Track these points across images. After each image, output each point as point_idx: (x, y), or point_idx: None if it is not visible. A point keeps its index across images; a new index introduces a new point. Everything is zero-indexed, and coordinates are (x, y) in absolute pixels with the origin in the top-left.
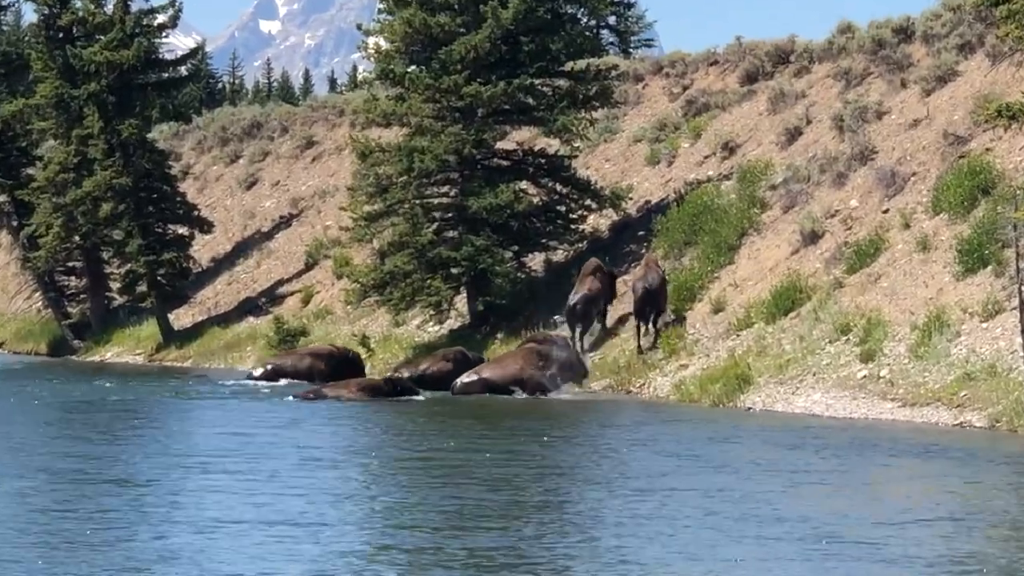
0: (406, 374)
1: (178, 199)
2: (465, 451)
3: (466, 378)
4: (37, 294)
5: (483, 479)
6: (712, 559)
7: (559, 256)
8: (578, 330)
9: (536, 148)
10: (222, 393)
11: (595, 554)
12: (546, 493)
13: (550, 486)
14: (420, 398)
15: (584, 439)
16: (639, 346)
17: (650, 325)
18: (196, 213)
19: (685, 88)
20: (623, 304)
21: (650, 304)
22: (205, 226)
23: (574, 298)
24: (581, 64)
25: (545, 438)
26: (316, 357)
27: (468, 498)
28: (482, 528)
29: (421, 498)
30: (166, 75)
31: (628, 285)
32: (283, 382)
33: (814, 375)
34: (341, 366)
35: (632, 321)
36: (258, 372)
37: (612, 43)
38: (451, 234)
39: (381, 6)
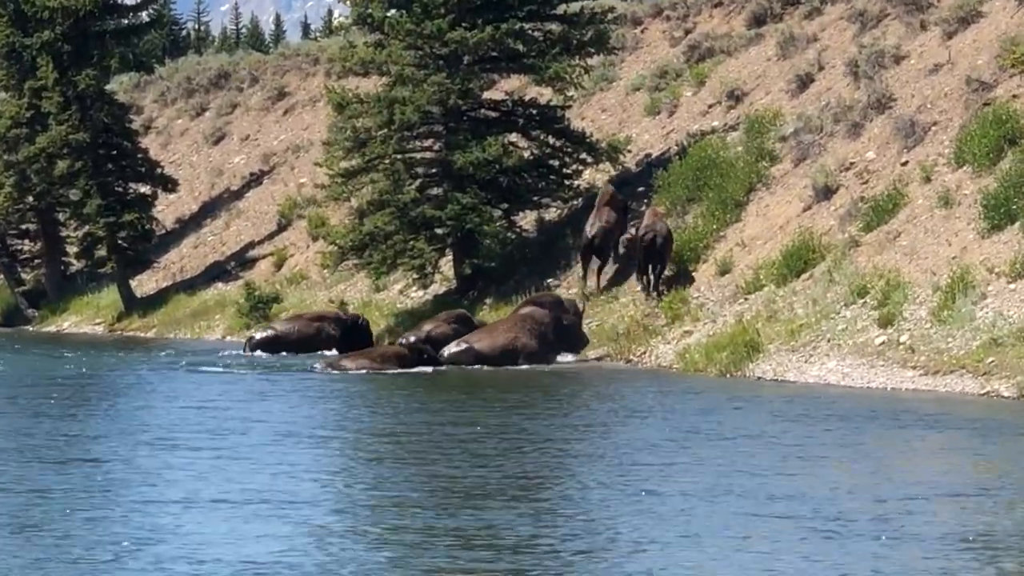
0: (411, 338)
1: (140, 156)
2: (453, 425)
3: (455, 347)
4: None
5: (469, 455)
6: (710, 536)
7: (552, 214)
8: (595, 265)
9: (527, 98)
10: (227, 365)
11: (587, 531)
12: (533, 469)
13: (538, 461)
14: (443, 368)
15: (576, 412)
16: (647, 293)
17: (652, 282)
18: (159, 171)
19: (687, 32)
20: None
21: (655, 258)
22: (169, 185)
23: (592, 230)
24: (575, 7)
25: (532, 411)
26: (325, 322)
27: (453, 475)
28: (467, 506)
29: (405, 475)
30: (126, 22)
31: (629, 238)
32: (282, 354)
33: (829, 341)
34: (352, 333)
35: (632, 282)
36: (259, 336)
37: None
38: (435, 191)
39: None
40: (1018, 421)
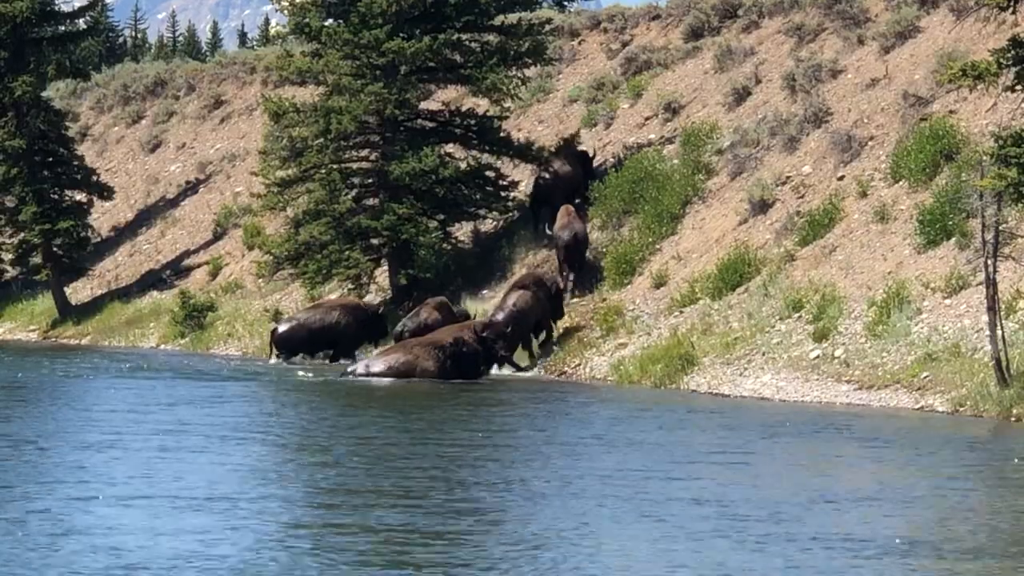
0: (411, 326)
1: (76, 163)
2: (383, 434)
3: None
4: None
5: (387, 460)
6: (622, 537)
7: (488, 225)
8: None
9: (463, 108)
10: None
11: (508, 533)
12: (443, 475)
13: (447, 468)
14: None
15: (500, 425)
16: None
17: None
18: (95, 178)
19: (624, 44)
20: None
21: (577, 255)
22: (105, 192)
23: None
24: (512, 18)
25: (449, 422)
26: (345, 311)
27: (389, 479)
28: (396, 507)
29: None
30: (63, 28)
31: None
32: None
33: (763, 355)
34: (370, 324)
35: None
36: (284, 327)
37: None
38: (371, 201)
39: None
40: (941, 434)
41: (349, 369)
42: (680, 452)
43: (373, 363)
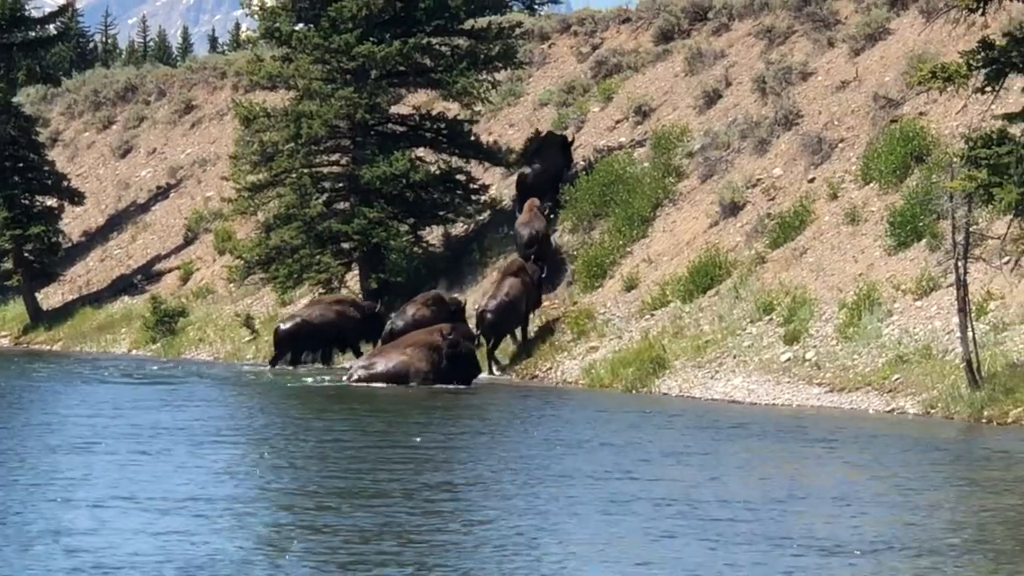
0: (400, 324)
1: (46, 168)
2: (350, 437)
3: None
4: None
5: (352, 462)
6: (580, 533)
7: (459, 229)
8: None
9: (434, 112)
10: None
11: (481, 532)
12: (411, 477)
13: (422, 473)
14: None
15: (468, 429)
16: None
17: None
18: (66, 183)
19: (595, 47)
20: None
21: (536, 253)
22: (76, 197)
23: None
24: (482, 21)
25: (425, 428)
26: (345, 306)
27: (355, 481)
28: (364, 508)
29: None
30: (33, 34)
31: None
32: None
33: (734, 358)
34: (370, 321)
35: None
36: (287, 326)
37: None
38: (342, 206)
39: None
40: (910, 436)
41: (348, 375)
42: (643, 453)
43: (368, 367)
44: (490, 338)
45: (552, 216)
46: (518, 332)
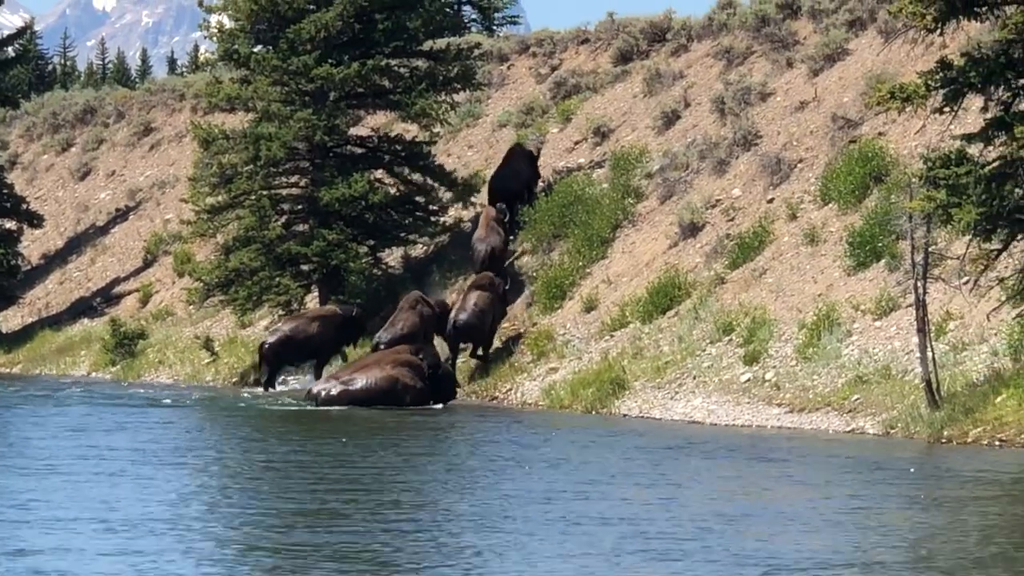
0: (386, 338)
1: (5, 191)
2: (312, 458)
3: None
4: None
5: (300, 483)
6: (533, 552)
7: (418, 251)
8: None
9: (393, 134)
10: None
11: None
12: (365, 498)
13: (370, 492)
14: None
15: (425, 449)
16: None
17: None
18: (25, 206)
19: (553, 68)
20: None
21: (493, 268)
22: (35, 220)
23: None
24: (441, 43)
25: (378, 448)
26: (327, 318)
27: (313, 501)
28: (325, 527)
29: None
30: None
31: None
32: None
33: (694, 378)
34: (350, 328)
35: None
36: (272, 340)
37: (474, 20)
38: (301, 228)
39: None
40: (865, 455)
41: (316, 395)
42: (593, 473)
43: (343, 383)
44: (459, 347)
45: (510, 226)
46: (480, 350)
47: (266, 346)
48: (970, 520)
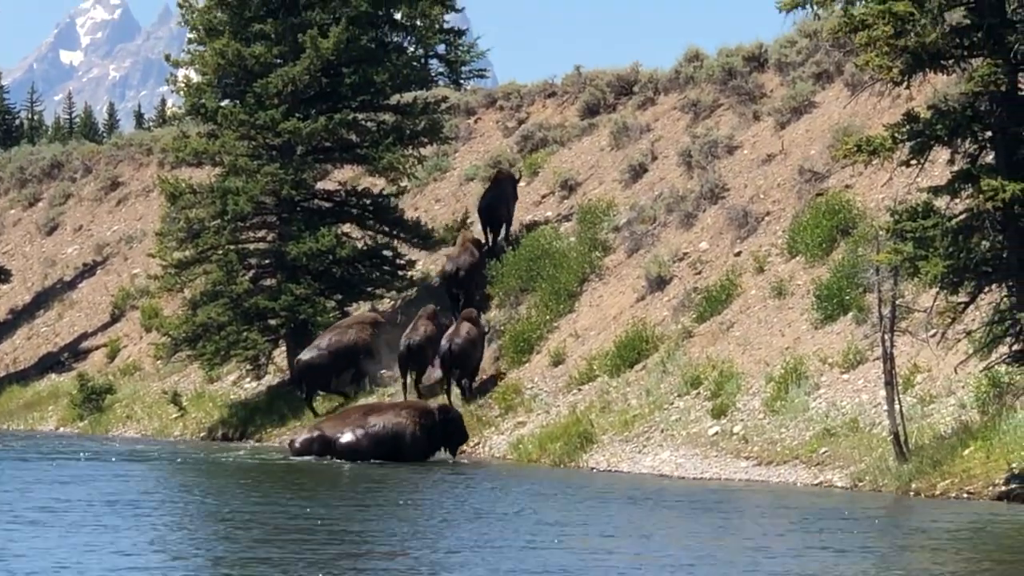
0: (416, 339)
1: None
2: (268, 508)
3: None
4: None
5: (254, 532)
6: None
7: (386, 304)
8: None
9: (360, 188)
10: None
11: None
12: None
13: (331, 546)
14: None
15: (386, 500)
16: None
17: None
18: None
19: (520, 122)
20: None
21: (459, 287)
22: (2, 275)
23: (483, 202)
24: (408, 97)
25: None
26: (363, 328)
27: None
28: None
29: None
30: None
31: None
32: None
33: (662, 432)
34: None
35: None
36: (307, 356)
37: (442, 74)
38: (269, 282)
39: (191, 36)
40: (829, 507)
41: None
42: (547, 525)
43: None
44: (451, 375)
45: (489, 251)
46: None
47: (300, 361)
48: (929, 570)
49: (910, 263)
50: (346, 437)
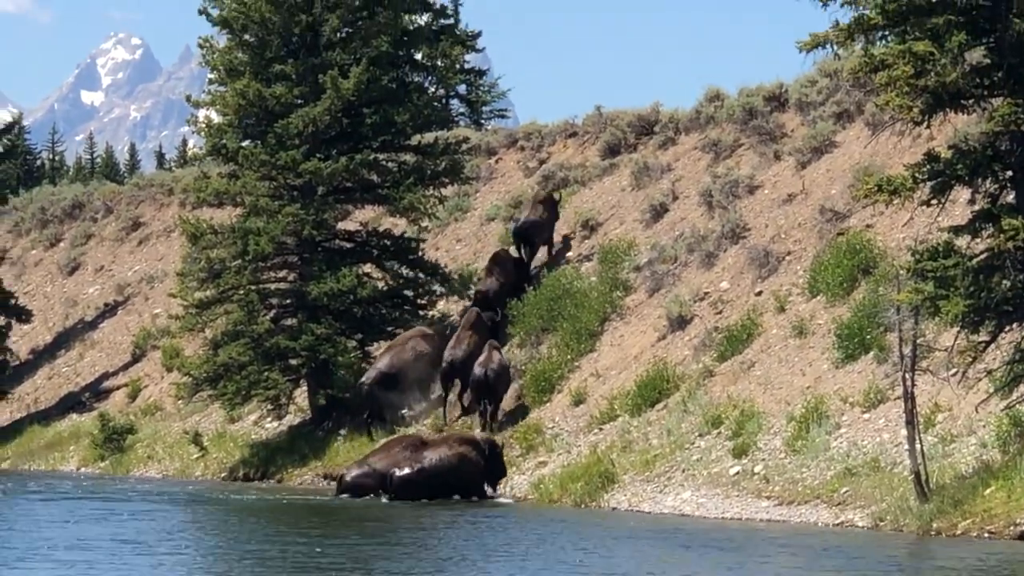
0: (459, 354)
1: None
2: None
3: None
4: None
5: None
6: None
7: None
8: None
9: (381, 228)
10: None
11: None
12: None
13: None
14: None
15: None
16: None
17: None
18: (13, 301)
19: (542, 162)
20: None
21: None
22: (23, 315)
23: (520, 223)
24: (429, 137)
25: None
26: (423, 343)
27: None
28: None
29: None
30: None
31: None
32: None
33: (683, 472)
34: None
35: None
36: (374, 374)
37: (463, 114)
38: (290, 322)
39: (212, 76)
40: (848, 546)
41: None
42: (559, 562)
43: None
44: (486, 399)
45: (526, 273)
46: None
47: (366, 384)
48: None
49: (931, 302)
50: (403, 471)
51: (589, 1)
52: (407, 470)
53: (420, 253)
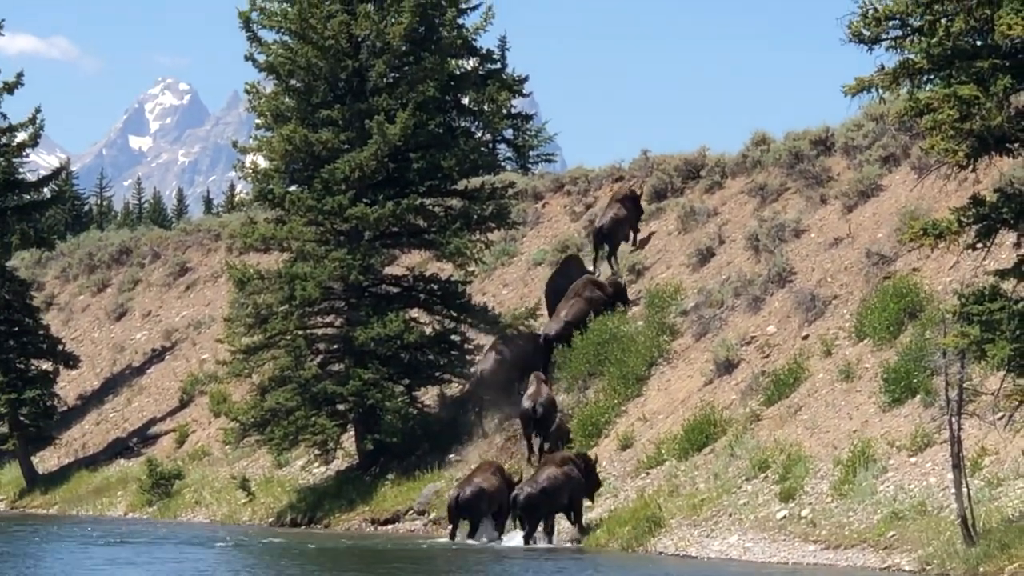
0: (553, 329)
1: (41, 332)
2: None
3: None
4: None
5: None
6: None
7: (454, 390)
8: (605, 250)
9: (428, 273)
10: None
11: None
12: None
13: None
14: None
15: None
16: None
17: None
18: (61, 347)
19: (588, 206)
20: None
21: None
22: (71, 361)
23: (601, 221)
24: (476, 182)
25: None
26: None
27: None
28: None
29: None
30: (28, 197)
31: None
32: None
33: (730, 516)
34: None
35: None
36: (487, 365)
37: (509, 158)
38: (337, 367)
39: (259, 121)
40: None
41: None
42: None
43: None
44: (535, 432)
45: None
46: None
47: (483, 372)
48: None
49: (977, 346)
50: (524, 491)
51: (636, 46)
52: (529, 490)
53: (467, 297)
